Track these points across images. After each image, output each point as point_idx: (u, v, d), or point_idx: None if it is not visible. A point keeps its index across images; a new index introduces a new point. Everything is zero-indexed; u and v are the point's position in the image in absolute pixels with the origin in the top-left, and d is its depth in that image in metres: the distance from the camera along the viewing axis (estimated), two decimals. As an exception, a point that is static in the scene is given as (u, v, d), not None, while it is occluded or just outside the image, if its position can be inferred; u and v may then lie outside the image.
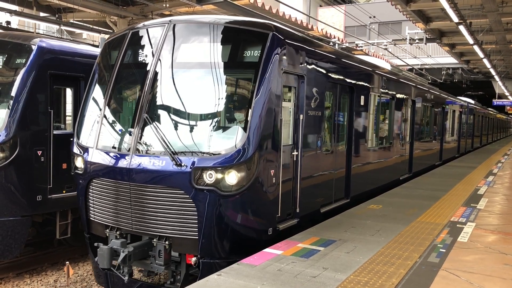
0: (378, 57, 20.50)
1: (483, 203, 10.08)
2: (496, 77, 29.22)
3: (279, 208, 6.71)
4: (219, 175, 5.95)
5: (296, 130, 7.25)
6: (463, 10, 15.46)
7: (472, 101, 29.01)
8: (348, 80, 9.17)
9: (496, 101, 38.15)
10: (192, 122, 6.41)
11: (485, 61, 22.05)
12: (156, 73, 6.70)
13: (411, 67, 29.12)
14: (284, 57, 6.68)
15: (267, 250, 6.16)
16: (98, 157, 6.74)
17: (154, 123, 6.41)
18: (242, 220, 6.25)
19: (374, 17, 25.55)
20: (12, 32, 10.20)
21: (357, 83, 9.67)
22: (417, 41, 23.79)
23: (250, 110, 6.16)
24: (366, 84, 10.21)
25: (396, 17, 31.57)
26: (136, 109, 6.58)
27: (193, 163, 6.02)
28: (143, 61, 6.91)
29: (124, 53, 7.17)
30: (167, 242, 6.19)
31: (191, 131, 6.34)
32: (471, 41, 17.02)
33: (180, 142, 6.28)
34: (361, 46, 23.04)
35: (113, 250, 6.24)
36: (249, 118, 6.13)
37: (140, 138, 6.42)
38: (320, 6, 41.49)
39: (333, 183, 8.72)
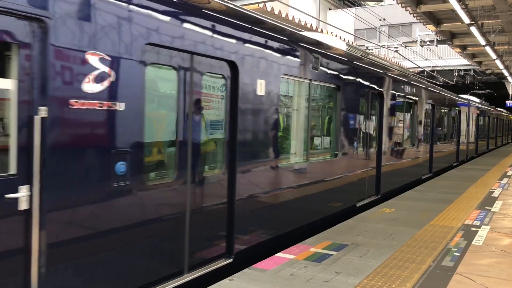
0: (388, 60, 20.36)
1: (498, 205, 9.96)
2: (509, 78, 28.95)
3: None
4: None
5: (20, 139, 3.43)
6: (474, 11, 15.38)
7: (477, 100, 27.27)
8: (224, 48, 5.41)
9: (509, 102, 37.78)
10: None
11: (498, 62, 21.87)
12: None
13: (422, 69, 28.96)
14: None
15: (279, 254, 6.14)
16: None
17: None
18: None
19: (384, 19, 25.46)
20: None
21: (241, 58, 5.70)
22: (428, 43, 23.64)
23: None
24: (274, 63, 6.41)
25: (406, 19, 31.44)
26: None
27: None
28: None
29: None
30: None
31: None
32: (483, 42, 16.87)
33: None
34: (371, 49, 22.95)
35: None
36: None
37: None
38: (330, 9, 41.46)
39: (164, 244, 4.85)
